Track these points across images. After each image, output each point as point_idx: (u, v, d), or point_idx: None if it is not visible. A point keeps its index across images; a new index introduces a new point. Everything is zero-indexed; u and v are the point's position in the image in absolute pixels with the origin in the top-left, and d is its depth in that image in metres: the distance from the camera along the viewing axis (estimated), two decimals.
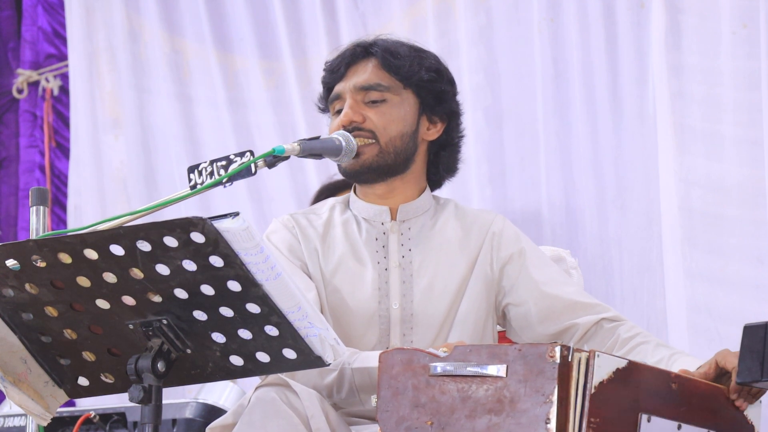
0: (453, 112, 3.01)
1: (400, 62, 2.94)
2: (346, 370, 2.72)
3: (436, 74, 2.98)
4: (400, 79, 2.95)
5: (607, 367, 2.24)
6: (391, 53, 2.95)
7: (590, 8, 4.30)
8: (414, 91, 2.96)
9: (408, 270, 2.93)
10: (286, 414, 2.56)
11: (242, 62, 5.14)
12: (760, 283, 3.90)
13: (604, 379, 2.23)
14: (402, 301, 2.90)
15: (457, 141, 3.03)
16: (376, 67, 2.95)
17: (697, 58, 4.05)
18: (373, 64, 2.96)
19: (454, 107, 3.02)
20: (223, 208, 4.68)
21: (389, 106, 2.93)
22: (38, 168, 5.57)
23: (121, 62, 5.33)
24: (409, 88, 2.95)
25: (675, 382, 2.38)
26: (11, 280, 2.33)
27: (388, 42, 2.99)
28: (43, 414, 2.49)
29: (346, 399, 2.75)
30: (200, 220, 2.17)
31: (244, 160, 2.51)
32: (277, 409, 2.56)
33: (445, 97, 2.99)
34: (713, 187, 4.00)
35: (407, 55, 2.96)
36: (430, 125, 2.99)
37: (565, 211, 4.34)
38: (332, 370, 2.73)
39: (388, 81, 2.95)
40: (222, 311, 2.28)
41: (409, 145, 2.94)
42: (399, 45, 2.99)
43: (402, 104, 2.94)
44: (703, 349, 3.93)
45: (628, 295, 4.19)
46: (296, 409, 2.57)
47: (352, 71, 2.96)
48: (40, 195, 3.33)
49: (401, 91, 2.95)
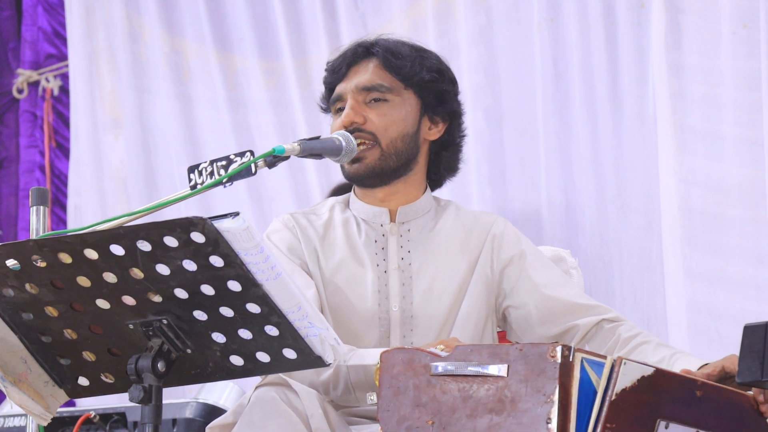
0: (455, 112, 3.00)
1: (402, 62, 2.94)
2: (341, 367, 2.72)
3: (438, 74, 2.97)
4: (401, 80, 2.94)
5: (632, 374, 2.22)
6: (393, 53, 2.95)
7: (590, 8, 4.30)
8: (415, 92, 2.95)
9: (407, 272, 2.93)
10: (286, 413, 2.56)
11: (242, 62, 5.14)
12: (760, 283, 3.90)
13: (627, 387, 2.21)
14: (402, 303, 2.90)
15: (458, 141, 3.03)
16: (378, 68, 2.95)
17: (697, 58, 4.05)
18: (374, 64, 2.95)
19: (456, 107, 3.01)
20: (224, 208, 4.68)
21: (390, 106, 2.92)
22: (38, 168, 5.57)
23: (121, 62, 5.33)
24: (410, 89, 2.95)
25: (701, 389, 2.36)
26: (11, 280, 2.32)
27: (390, 42, 2.98)
28: (43, 414, 2.49)
29: (342, 396, 2.75)
30: (200, 220, 2.17)
31: (244, 160, 2.51)
32: (276, 409, 2.56)
33: (446, 97, 2.99)
34: (713, 187, 4.00)
35: (409, 55, 2.95)
36: (432, 125, 2.98)
37: (565, 211, 4.34)
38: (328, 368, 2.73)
39: (390, 81, 2.94)
40: (222, 311, 2.28)
41: (410, 146, 2.94)
42: (400, 45, 2.98)
43: (403, 104, 2.94)
44: (703, 349, 3.94)
45: (628, 295, 4.19)
46: (296, 408, 2.57)
47: (353, 71, 2.96)
48: (40, 195, 3.33)
49: (402, 92, 2.94)
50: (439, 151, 3.01)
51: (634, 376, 2.23)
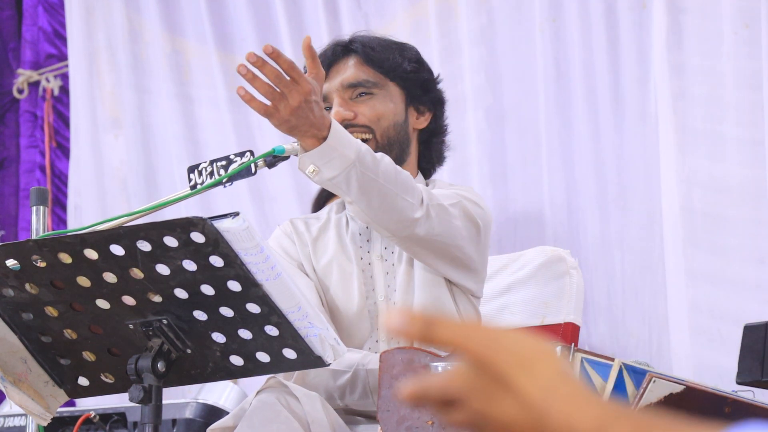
0: (438, 100, 3.04)
1: (383, 56, 2.97)
2: (360, 371, 2.73)
3: (418, 64, 3.01)
4: (384, 73, 2.97)
5: (659, 392, 2.18)
6: (372, 48, 2.98)
7: (592, 8, 4.30)
8: (398, 83, 2.98)
9: (390, 260, 2.93)
10: (286, 418, 2.55)
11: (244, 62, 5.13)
12: (761, 283, 3.89)
13: (651, 402, 2.18)
14: (387, 292, 2.91)
15: (445, 128, 3.06)
16: (359, 63, 2.97)
17: (699, 58, 4.04)
18: (355, 60, 2.98)
19: (439, 95, 3.05)
20: (224, 208, 4.68)
21: (378, 99, 2.95)
22: (39, 168, 5.57)
23: (121, 62, 5.33)
24: (393, 81, 2.98)
25: (730, 406, 2.32)
26: (11, 280, 2.32)
27: (366, 38, 3.02)
28: (43, 414, 2.49)
29: (359, 401, 2.75)
30: (200, 220, 2.17)
31: (244, 160, 2.51)
32: (277, 414, 2.55)
33: (429, 86, 3.02)
34: (715, 187, 3.99)
35: (387, 48, 2.99)
36: (418, 115, 3.02)
37: (566, 211, 4.34)
38: (345, 372, 2.74)
39: (373, 76, 2.97)
40: (222, 311, 2.28)
41: (402, 135, 2.96)
42: (377, 40, 3.02)
43: (389, 97, 2.97)
44: (704, 349, 3.93)
45: (630, 296, 4.18)
46: (295, 413, 2.56)
47: (334, 71, 2.98)
48: (41, 195, 3.33)
49: (386, 84, 2.97)
50: (428, 140, 3.04)
51: (661, 393, 2.19)
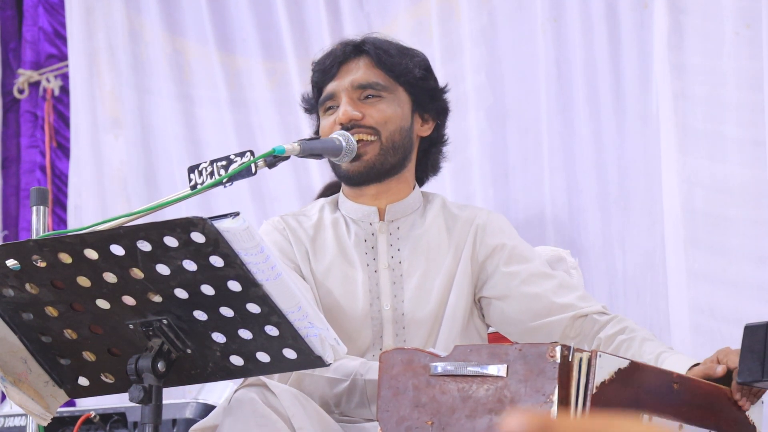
0: (443, 110, 3.04)
1: (394, 60, 2.96)
2: (358, 380, 2.72)
3: (427, 72, 3.01)
4: (394, 77, 2.96)
5: (608, 367, 2.23)
6: (384, 51, 2.97)
7: (593, 9, 4.30)
8: (407, 89, 2.97)
9: (398, 270, 2.92)
10: (267, 414, 2.54)
11: (245, 62, 5.14)
12: (762, 283, 3.89)
13: (605, 380, 2.22)
14: (393, 302, 2.90)
15: (446, 139, 3.06)
16: (370, 65, 2.96)
17: (700, 58, 4.04)
18: (366, 62, 2.97)
19: (444, 105, 3.04)
20: (225, 208, 4.68)
21: (386, 103, 2.94)
22: (39, 168, 5.57)
23: (121, 62, 5.33)
24: (402, 86, 2.97)
25: (677, 382, 2.38)
26: (11, 280, 2.32)
27: (378, 40, 3.00)
28: (43, 414, 2.49)
29: (355, 410, 2.74)
30: (200, 220, 2.17)
31: (244, 160, 2.51)
32: (256, 410, 2.54)
33: (436, 95, 3.02)
34: (716, 187, 3.99)
35: (399, 53, 2.97)
36: (423, 122, 3.01)
37: (568, 212, 4.33)
38: (343, 381, 2.73)
39: (384, 79, 2.95)
40: (222, 311, 2.27)
41: (406, 141, 2.95)
42: (388, 43, 3.00)
43: (397, 101, 2.96)
44: (705, 349, 3.92)
45: (631, 296, 4.18)
46: (276, 409, 2.56)
47: (344, 70, 2.96)
48: (41, 195, 3.33)
49: (396, 89, 2.96)
50: (427, 149, 3.03)
51: (611, 369, 2.23)
